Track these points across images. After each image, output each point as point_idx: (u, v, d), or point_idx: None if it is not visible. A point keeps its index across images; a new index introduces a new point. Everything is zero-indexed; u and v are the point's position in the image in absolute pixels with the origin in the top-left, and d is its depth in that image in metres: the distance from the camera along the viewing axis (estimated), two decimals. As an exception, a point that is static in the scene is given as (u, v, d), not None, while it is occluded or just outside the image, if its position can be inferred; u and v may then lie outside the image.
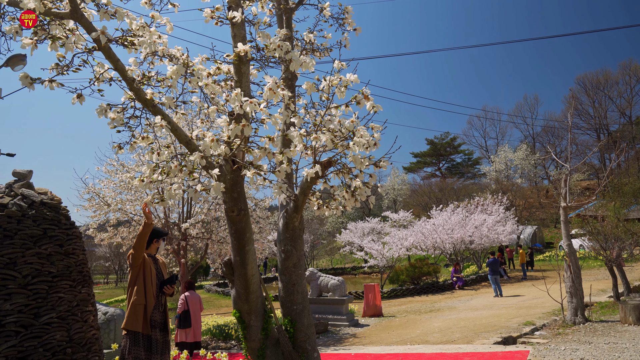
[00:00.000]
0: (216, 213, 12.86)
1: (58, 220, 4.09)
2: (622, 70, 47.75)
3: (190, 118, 11.75)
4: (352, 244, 28.15)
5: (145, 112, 3.45)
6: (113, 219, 12.81)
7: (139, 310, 4.20)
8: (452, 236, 21.80)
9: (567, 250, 9.56)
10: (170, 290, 4.44)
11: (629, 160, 38.41)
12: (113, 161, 13.16)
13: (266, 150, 3.19)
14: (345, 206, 3.34)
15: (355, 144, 3.05)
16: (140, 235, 4.25)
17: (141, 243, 4.27)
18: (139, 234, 4.27)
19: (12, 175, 4.34)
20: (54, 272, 3.84)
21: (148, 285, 4.31)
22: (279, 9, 4.59)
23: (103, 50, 3.00)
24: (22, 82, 2.92)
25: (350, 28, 4.68)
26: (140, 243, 4.27)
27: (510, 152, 45.65)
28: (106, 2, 2.95)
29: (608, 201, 13.54)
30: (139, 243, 4.27)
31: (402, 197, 48.38)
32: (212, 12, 3.52)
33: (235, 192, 3.56)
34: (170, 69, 3.21)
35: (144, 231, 4.23)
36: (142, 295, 4.25)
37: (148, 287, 4.30)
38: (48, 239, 3.91)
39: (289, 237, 4.11)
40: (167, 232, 4.77)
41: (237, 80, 3.56)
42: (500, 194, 28.36)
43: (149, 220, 4.19)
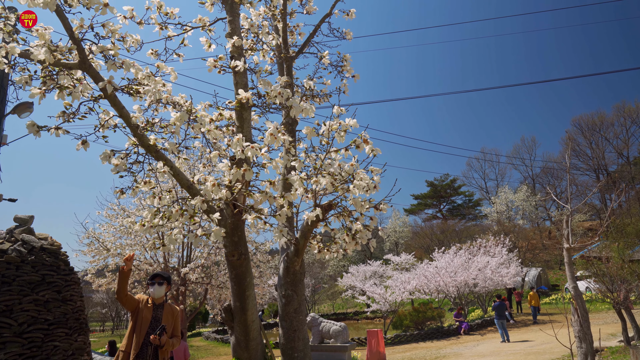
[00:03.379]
0: (216, 257, 12.73)
1: (57, 266, 4.06)
2: (617, 112, 48.63)
3: (192, 162, 11.87)
4: (354, 288, 27.63)
5: (148, 157, 3.51)
6: (112, 264, 12.68)
7: (122, 358, 4.06)
8: (456, 279, 21.43)
9: (574, 293, 9.38)
10: (155, 340, 4.20)
11: (629, 201, 38.37)
12: (114, 205, 13.18)
13: (267, 194, 3.21)
14: (346, 249, 3.33)
15: (355, 187, 3.08)
16: (117, 281, 4.12)
17: (119, 288, 4.11)
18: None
19: (13, 220, 4.35)
20: (51, 319, 3.77)
21: (136, 332, 4.16)
22: (280, 57, 4.76)
23: (109, 99, 3.09)
24: (28, 129, 2.99)
25: (348, 75, 4.84)
26: (118, 288, 4.13)
27: (510, 193, 45.70)
28: (114, 53, 3.06)
29: (611, 242, 13.40)
30: (118, 288, 4.12)
31: (403, 240, 47.97)
32: (215, 62, 3.66)
33: (236, 236, 3.55)
34: (173, 115, 3.30)
35: (119, 277, 4.10)
36: (127, 342, 4.11)
37: (136, 335, 4.15)
38: (46, 285, 3.87)
39: (290, 282, 4.06)
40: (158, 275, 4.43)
41: (239, 126, 3.64)
42: (503, 235, 28.14)
43: (126, 267, 4.05)
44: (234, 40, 3.70)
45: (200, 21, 3.99)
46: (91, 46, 3.11)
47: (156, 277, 4.38)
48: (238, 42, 3.71)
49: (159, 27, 3.70)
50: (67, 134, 3.16)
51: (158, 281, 4.36)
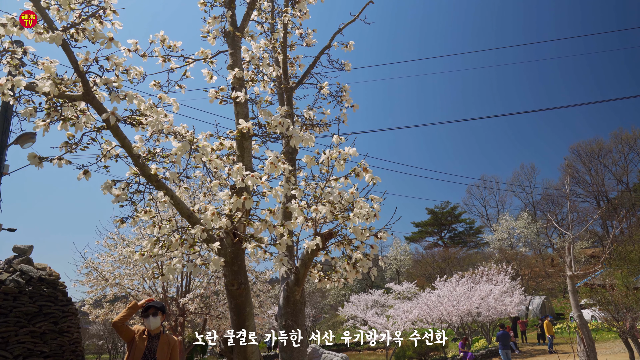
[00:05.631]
0: (215, 287, 12.58)
1: (55, 296, 4.02)
2: (614, 139, 48.92)
3: (193, 191, 11.90)
4: (355, 318, 27.18)
5: (149, 187, 3.53)
6: (110, 294, 12.51)
7: None
8: (458, 308, 21.10)
9: (579, 322, 9.23)
10: None
11: (631, 227, 38.15)
12: (113, 235, 13.12)
13: (267, 223, 3.21)
14: (346, 278, 3.30)
15: (355, 215, 3.08)
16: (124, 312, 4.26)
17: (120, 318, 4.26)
18: None
19: (12, 250, 4.34)
20: (47, 351, 3.70)
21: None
22: (280, 88, 4.85)
23: (112, 129, 3.13)
24: (30, 161, 3.03)
25: (347, 105, 4.92)
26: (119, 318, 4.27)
27: (512, 221, 45.51)
28: (117, 85, 3.13)
29: (615, 269, 13.27)
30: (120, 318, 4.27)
31: (405, 268, 47.49)
32: (216, 93, 3.73)
33: (235, 265, 3.54)
34: (175, 145, 3.34)
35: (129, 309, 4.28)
36: None
37: None
38: (43, 317, 3.82)
39: (290, 312, 4.01)
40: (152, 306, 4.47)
41: (240, 155, 3.68)
42: (505, 263, 27.86)
43: (142, 303, 4.16)
44: (235, 71, 3.78)
45: (202, 54, 4.08)
46: (95, 78, 3.18)
47: (149, 308, 4.36)
48: (239, 74, 3.79)
49: (162, 59, 3.79)
50: (69, 164, 3.19)
51: (152, 312, 4.37)
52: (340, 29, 5.07)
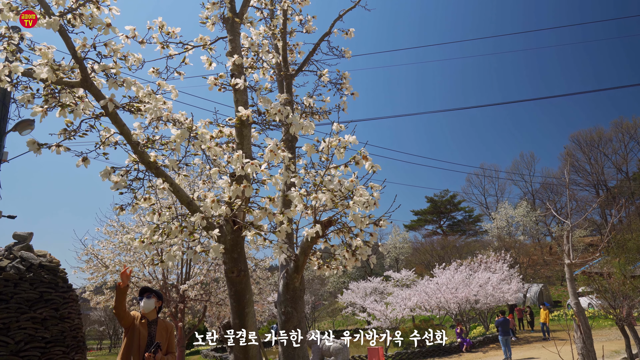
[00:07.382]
0: (215, 274, 12.65)
1: (55, 283, 4.04)
2: (615, 128, 48.82)
3: (192, 179, 11.89)
4: (354, 305, 27.40)
5: (148, 174, 3.53)
6: (110, 281, 12.59)
7: None
8: (457, 295, 21.26)
9: (576, 310, 9.30)
10: (150, 358, 4.17)
11: (630, 216, 38.27)
12: (113, 222, 13.14)
13: (267, 211, 3.21)
14: (345, 265, 3.32)
15: (355, 203, 3.08)
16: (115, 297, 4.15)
17: (116, 304, 4.15)
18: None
19: (12, 237, 4.35)
20: (48, 337, 3.73)
21: (134, 350, 4.12)
22: (280, 75, 4.82)
23: (110, 116, 3.12)
24: (29, 147, 3.01)
25: (347, 92, 4.89)
26: (116, 304, 4.16)
27: (510, 209, 45.61)
28: (115, 72, 3.10)
29: (613, 258, 13.35)
30: (115, 305, 4.15)
31: (404, 256, 47.72)
32: (215, 80, 3.70)
33: (235, 252, 3.55)
34: (174, 132, 3.32)
35: (116, 293, 4.12)
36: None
37: (132, 353, 4.11)
38: (44, 303, 3.84)
39: (290, 299, 4.04)
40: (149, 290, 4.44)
41: (239, 143, 3.66)
42: (503, 251, 28.00)
43: (122, 283, 4.07)
44: (235, 58, 3.75)
45: (201, 40, 4.04)
46: (93, 65, 3.15)
47: (145, 291, 4.39)
48: (238, 61, 3.76)
49: (160, 46, 3.76)
50: (68, 151, 3.18)
51: (146, 295, 4.38)
52: (340, 16, 5.02)
